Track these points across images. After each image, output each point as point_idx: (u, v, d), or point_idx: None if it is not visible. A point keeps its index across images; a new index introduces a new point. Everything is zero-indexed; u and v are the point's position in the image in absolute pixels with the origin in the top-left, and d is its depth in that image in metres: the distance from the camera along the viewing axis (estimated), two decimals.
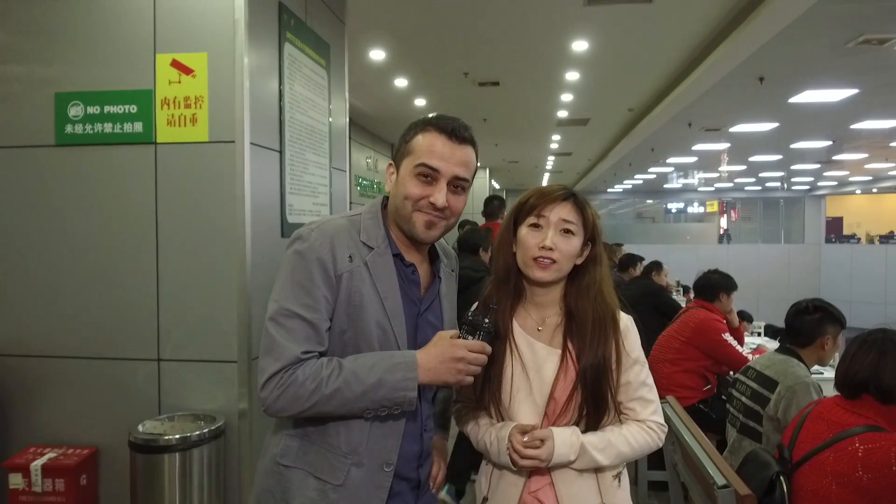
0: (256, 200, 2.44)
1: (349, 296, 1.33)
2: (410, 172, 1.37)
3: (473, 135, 1.42)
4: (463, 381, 1.31)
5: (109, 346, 2.45)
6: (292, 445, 1.36)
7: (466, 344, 1.30)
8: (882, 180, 20.01)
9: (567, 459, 1.40)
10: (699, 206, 27.40)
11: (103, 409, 2.44)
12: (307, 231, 1.35)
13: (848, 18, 4.77)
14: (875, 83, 6.78)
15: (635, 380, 1.48)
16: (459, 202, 1.41)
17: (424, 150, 1.37)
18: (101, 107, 2.47)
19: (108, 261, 2.45)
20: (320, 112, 3.24)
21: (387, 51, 5.81)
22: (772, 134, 10.23)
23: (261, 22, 2.55)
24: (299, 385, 1.25)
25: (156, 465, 2.13)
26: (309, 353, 1.29)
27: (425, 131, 1.39)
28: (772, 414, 2.52)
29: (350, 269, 1.33)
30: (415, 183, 1.37)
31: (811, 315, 2.66)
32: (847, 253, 20.82)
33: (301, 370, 1.27)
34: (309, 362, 1.28)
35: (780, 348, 2.77)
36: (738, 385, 2.82)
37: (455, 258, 1.63)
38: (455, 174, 1.37)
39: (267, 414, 1.30)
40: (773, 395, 2.53)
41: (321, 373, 1.27)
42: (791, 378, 2.51)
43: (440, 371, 1.29)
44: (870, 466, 1.67)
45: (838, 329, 2.65)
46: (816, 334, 2.63)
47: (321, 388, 1.26)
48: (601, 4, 4.57)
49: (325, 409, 1.28)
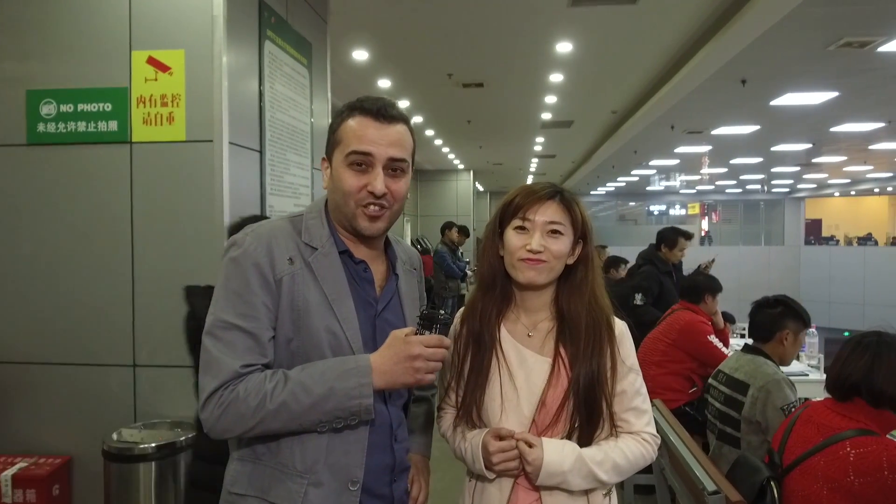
0: (235, 201, 2.38)
1: (292, 301, 1.22)
2: (343, 163, 1.27)
3: (403, 112, 1.32)
4: (423, 381, 1.21)
5: (83, 351, 2.38)
6: (243, 471, 1.24)
7: (421, 339, 1.19)
8: (860, 183, 20.30)
9: (560, 469, 1.30)
10: (681, 208, 27.64)
11: (76, 416, 2.37)
12: (241, 236, 1.25)
13: (829, 21, 4.80)
14: (855, 86, 6.86)
15: (630, 389, 1.41)
16: (401, 186, 1.30)
17: (353, 136, 1.26)
18: (75, 105, 2.41)
19: (82, 264, 2.39)
20: (302, 112, 3.18)
21: (370, 51, 5.76)
22: (753, 136, 10.32)
23: (240, 19, 2.50)
24: (241, 401, 1.14)
25: (131, 475, 2.08)
26: (250, 367, 1.18)
27: (350, 116, 1.28)
28: (748, 416, 2.49)
29: (291, 272, 1.23)
30: (349, 174, 1.26)
31: (772, 309, 2.65)
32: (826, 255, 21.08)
33: (243, 385, 1.15)
34: (252, 376, 1.17)
35: (746, 347, 2.75)
36: (712, 391, 2.80)
37: (418, 257, 1.54)
38: (389, 156, 1.26)
39: (211, 436, 1.18)
40: (747, 398, 2.50)
41: (265, 386, 1.15)
42: (761, 378, 2.49)
43: (396, 373, 1.19)
44: (861, 471, 1.65)
45: (800, 326, 2.62)
46: (776, 328, 2.61)
47: (265, 402, 1.14)
48: (585, 5, 4.56)
49: (273, 427, 1.17)
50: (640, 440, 1.40)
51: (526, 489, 1.38)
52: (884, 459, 1.64)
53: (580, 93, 7.52)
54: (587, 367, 1.36)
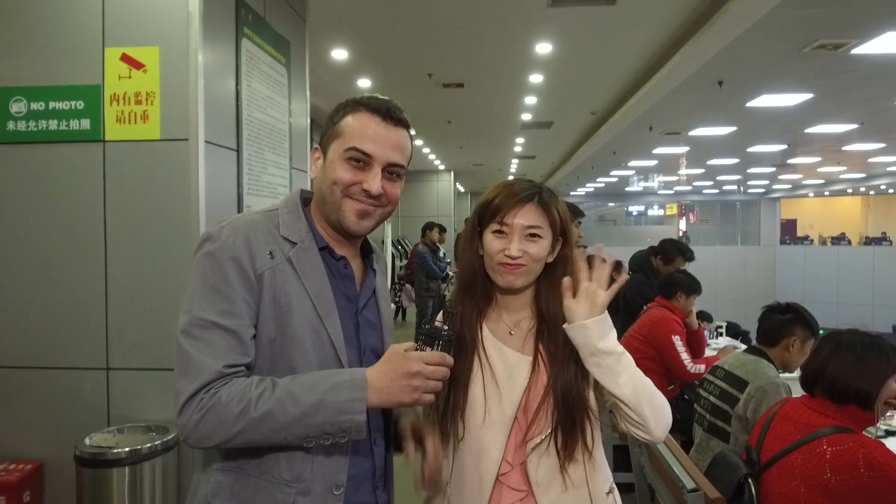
0: (212, 201, 2.34)
1: (274, 297, 1.15)
2: (340, 157, 1.21)
3: (406, 118, 1.27)
4: (421, 401, 1.13)
5: (55, 354, 2.32)
6: (224, 481, 1.17)
7: (422, 356, 1.12)
8: (833, 184, 20.65)
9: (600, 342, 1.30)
10: (659, 208, 27.95)
11: (48, 421, 2.32)
12: (217, 229, 1.18)
13: (804, 24, 4.87)
14: (829, 88, 6.97)
15: None
16: (396, 189, 1.26)
17: (356, 132, 1.20)
18: (46, 103, 2.35)
19: (54, 265, 2.33)
20: (280, 110, 3.15)
21: (349, 50, 5.73)
22: (729, 137, 10.45)
23: (216, 16, 2.46)
24: (223, 407, 1.06)
25: (103, 480, 2.03)
26: (233, 367, 1.10)
27: (356, 112, 1.22)
28: (741, 413, 2.51)
29: (272, 267, 1.16)
30: (345, 167, 1.20)
31: (782, 314, 2.64)
32: (801, 254, 21.43)
33: (225, 389, 1.07)
34: (235, 380, 1.09)
35: (750, 349, 2.75)
36: (706, 384, 2.81)
37: (384, 258, 1.50)
38: (390, 160, 1.22)
39: (187, 444, 1.11)
40: (743, 395, 2.52)
41: (250, 392, 1.07)
42: (762, 378, 2.50)
43: (393, 390, 1.10)
44: (838, 468, 1.67)
45: (808, 335, 2.60)
46: (783, 334, 2.60)
47: (249, 410, 1.06)
48: (565, 6, 4.57)
49: (255, 437, 1.08)
50: None
51: (510, 489, 1.36)
52: (860, 457, 1.65)
53: (560, 94, 7.55)
54: (566, 366, 1.36)
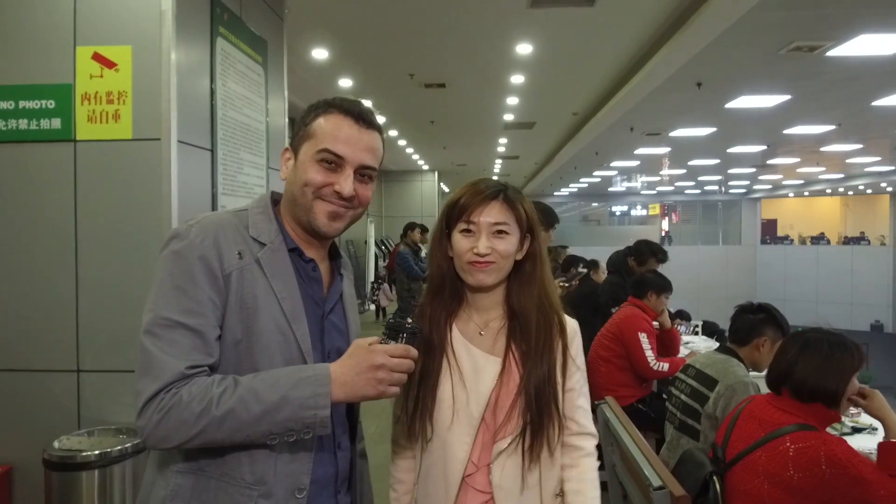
0: (185, 201, 2.33)
1: (241, 298, 1.14)
2: (312, 158, 1.20)
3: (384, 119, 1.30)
4: (385, 393, 1.12)
5: (24, 356, 2.30)
6: (184, 484, 1.13)
7: (386, 349, 1.11)
8: (813, 184, 20.92)
9: None
10: (642, 208, 28.12)
11: (17, 424, 2.29)
12: (185, 227, 1.16)
13: (780, 26, 4.94)
14: (806, 90, 7.06)
15: (577, 387, 1.44)
16: (367, 191, 1.26)
17: (328, 134, 1.20)
18: (16, 102, 2.33)
19: (24, 266, 2.31)
20: (257, 110, 3.13)
21: (329, 50, 5.71)
22: (710, 138, 10.54)
23: (190, 15, 2.44)
24: (184, 406, 1.04)
25: (72, 484, 2.01)
26: (196, 368, 1.08)
27: (328, 113, 1.23)
28: (710, 412, 2.54)
29: (240, 267, 1.15)
30: (317, 169, 1.20)
31: (754, 314, 2.66)
32: (781, 254, 21.72)
33: (187, 389, 1.05)
34: (197, 379, 1.07)
35: (720, 348, 2.78)
36: (678, 383, 2.84)
37: (349, 263, 1.48)
38: (362, 162, 1.22)
39: (147, 446, 1.09)
40: (713, 394, 2.55)
41: (211, 391, 1.05)
42: (731, 377, 2.53)
43: (358, 384, 1.10)
44: (800, 465, 1.69)
45: (778, 335, 2.60)
46: (753, 334, 2.62)
47: (210, 408, 1.04)
48: (544, 7, 4.60)
49: (217, 437, 1.06)
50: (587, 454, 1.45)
51: (476, 490, 1.37)
52: (822, 454, 1.68)
53: (541, 94, 7.59)
54: (539, 365, 1.37)
